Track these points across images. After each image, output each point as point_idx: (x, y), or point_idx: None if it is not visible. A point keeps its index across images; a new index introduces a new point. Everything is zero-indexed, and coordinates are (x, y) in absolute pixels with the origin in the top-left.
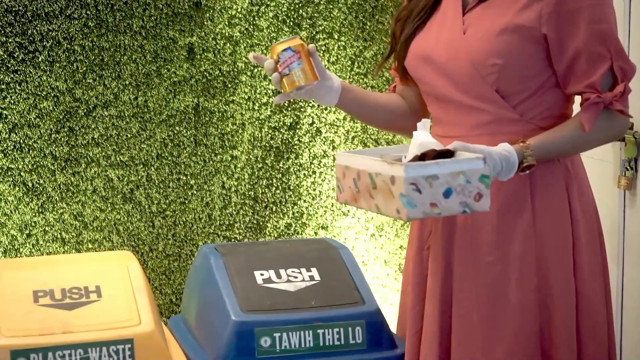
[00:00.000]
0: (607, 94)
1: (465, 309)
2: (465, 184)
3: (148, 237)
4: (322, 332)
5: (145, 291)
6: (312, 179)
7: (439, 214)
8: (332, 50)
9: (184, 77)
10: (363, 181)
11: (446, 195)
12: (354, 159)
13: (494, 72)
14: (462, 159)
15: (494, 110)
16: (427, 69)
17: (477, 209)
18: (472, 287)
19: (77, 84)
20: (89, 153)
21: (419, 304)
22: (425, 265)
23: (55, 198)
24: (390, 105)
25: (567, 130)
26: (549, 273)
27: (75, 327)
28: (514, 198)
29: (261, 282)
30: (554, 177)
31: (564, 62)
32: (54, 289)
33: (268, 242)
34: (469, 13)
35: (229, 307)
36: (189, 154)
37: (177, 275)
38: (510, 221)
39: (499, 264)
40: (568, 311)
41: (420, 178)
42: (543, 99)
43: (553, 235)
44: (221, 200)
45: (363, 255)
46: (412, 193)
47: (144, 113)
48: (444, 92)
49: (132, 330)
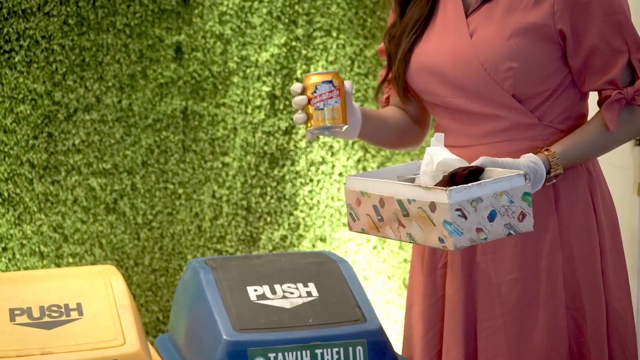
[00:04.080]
0: (628, 89)
1: (490, 329)
2: (509, 204)
3: (133, 251)
4: (320, 352)
5: (130, 309)
6: (309, 187)
7: (485, 239)
8: (330, 49)
9: (172, 78)
10: (389, 208)
11: (491, 218)
12: (372, 184)
13: (509, 76)
14: (503, 177)
15: (512, 116)
16: (432, 80)
17: (522, 229)
18: (496, 305)
19: (56, 86)
20: (69, 160)
21: (431, 330)
22: (440, 285)
23: (33, 209)
24: (396, 123)
25: (591, 132)
26: (578, 286)
27: (55, 348)
28: (538, 208)
29: (255, 299)
30: (577, 182)
31: (579, 57)
32: (32, 306)
33: (262, 256)
34: (472, 15)
35: (220, 326)
36: (177, 161)
37: (164, 292)
38: (535, 233)
39: (525, 280)
40: (598, 325)
41: (465, 202)
42: (561, 100)
43: (580, 245)
44: (211, 211)
45: (364, 270)
46: (458, 219)
47: (128, 117)
48: (453, 102)
49: (116, 350)
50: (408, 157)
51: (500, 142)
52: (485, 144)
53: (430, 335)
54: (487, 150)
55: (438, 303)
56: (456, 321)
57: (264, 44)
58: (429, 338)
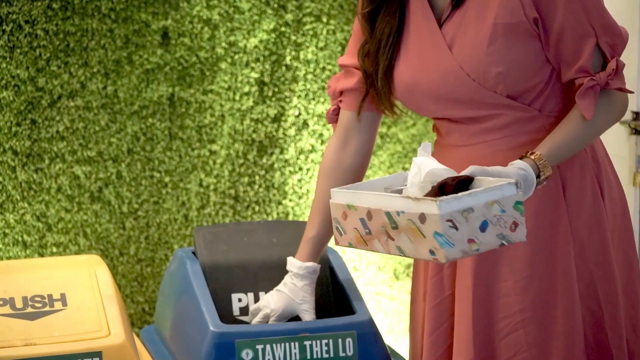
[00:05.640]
0: (600, 74)
1: (509, 327)
2: (501, 214)
3: (118, 240)
4: (309, 344)
5: (115, 299)
6: (298, 176)
7: (477, 250)
8: (320, 35)
9: (158, 64)
10: (377, 221)
11: (483, 228)
12: (358, 197)
13: (499, 81)
14: (494, 186)
15: (511, 112)
16: (423, 98)
17: (514, 239)
18: (513, 303)
19: (40, 72)
20: (53, 148)
21: (439, 328)
22: (448, 284)
23: (16, 197)
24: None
25: (571, 125)
26: (591, 275)
27: (38, 339)
28: (547, 200)
29: None
30: (584, 170)
31: (552, 46)
32: (15, 297)
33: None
34: (446, 24)
35: (207, 317)
36: (163, 149)
37: (150, 282)
38: (547, 226)
39: (540, 275)
40: (614, 312)
41: (456, 213)
42: (557, 88)
43: (590, 233)
44: (199, 200)
45: (354, 260)
46: (449, 230)
47: (113, 104)
48: (449, 114)
49: (101, 342)
50: (399, 145)
51: (503, 137)
52: (488, 141)
53: (437, 334)
54: (489, 146)
55: (445, 302)
56: (468, 322)
57: (252, 29)
58: (435, 337)
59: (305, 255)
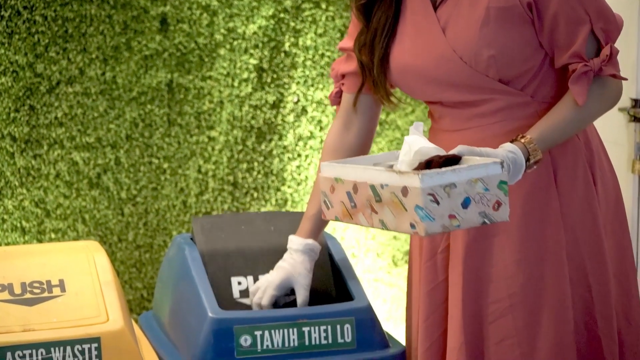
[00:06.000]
0: (594, 60)
1: (497, 312)
2: (484, 192)
3: (117, 226)
4: (307, 331)
5: (113, 285)
6: (297, 162)
7: (458, 226)
8: (319, 22)
9: (157, 50)
10: (362, 194)
11: (465, 205)
12: (346, 170)
13: (491, 64)
14: (478, 164)
15: (504, 97)
16: (417, 81)
17: (497, 219)
18: (502, 287)
19: (38, 58)
20: (51, 134)
21: (433, 314)
22: (441, 269)
23: (15, 183)
24: (350, 154)
25: (564, 110)
26: (582, 261)
27: (37, 325)
28: (538, 185)
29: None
30: (576, 156)
31: (545, 31)
32: (13, 282)
33: (250, 221)
34: (441, 7)
35: (206, 303)
36: (162, 135)
37: (148, 268)
38: (537, 212)
39: (530, 261)
40: (605, 299)
41: (438, 187)
42: (550, 74)
43: (582, 220)
44: (197, 186)
45: (353, 247)
46: (430, 204)
47: (112, 90)
48: (443, 97)
49: (99, 328)
50: (398, 132)
51: (495, 122)
52: (481, 126)
53: (432, 319)
54: (482, 131)
55: (439, 287)
56: (459, 305)
57: (251, 15)
58: (429, 323)
59: (305, 232)
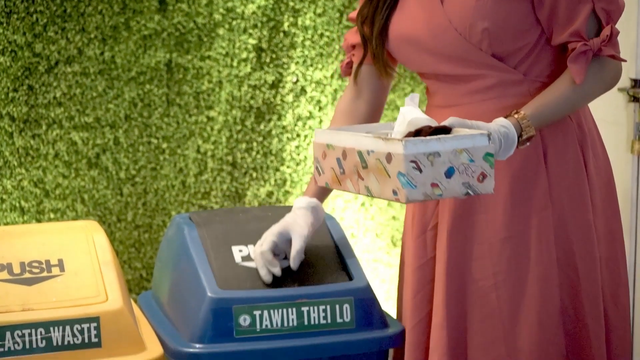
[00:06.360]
0: (594, 40)
1: (482, 290)
2: (469, 163)
3: (116, 206)
4: (306, 310)
5: (112, 265)
6: (296, 142)
7: (440, 195)
8: (318, 1)
9: (155, 30)
10: (350, 160)
11: (448, 175)
12: (337, 136)
13: (484, 37)
14: (465, 134)
15: (496, 74)
16: (412, 50)
17: (481, 190)
18: (487, 265)
19: (37, 38)
20: (50, 114)
21: (421, 291)
22: (431, 246)
23: (13, 163)
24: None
25: (561, 88)
26: (569, 242)
27: (36, 304)
28: (527, 164)
29: (240, 260)
30: (567, 136)
31: (545, 8)
32: (12, 262)
33: (248, 210)
34: None
35: (205, 283)
36: (161, 115)
37: (147, 248)
38: (524, 191)
39: (516, 239)
40: (592, 280)
41: (422, 155)
42: (544, 54)
43: (570, 200)
44: (196, 166)
45: (352, 227)
46: (412, 172)
47: (111, 70)
48: (437, 68)
49: (98, 307)
50: (397, 112)
51: (488, 99)
52: (474, 102)
53: (420, 296)
54: (475, 108)
55: (428, 264)
56: (444, 282)
57: None
58: (418, 299)
59: (310, 192)
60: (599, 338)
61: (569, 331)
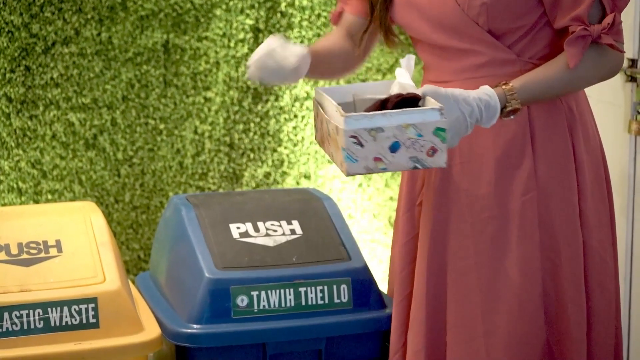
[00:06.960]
0: (595, 26)
1: (462, 268)
2: (417, 138)
3: (113, 187)
4: (304, 291)
5: (110, 246)
6: (293, 123)
7: (384, 169)
8: None
9: (152, 10)
10: (324, 126)
11: (393, 149)
12: (324, 100)
13: (482, 12)
14: (413, 109)
15: (489, 51)
16: (413, 16)
17: (431, 164)
18: (469, 244)
19: (33, 18)
20: (47, 95)
21: (408, 266)
22: (417, 222)
23: (11, 144)
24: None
25: (553, 68)
26: (553, 226)
27: (34, 285)
28: (513, 144)
29: (237, 236)
30: (556, 119)
31: None
32: (10, 243)
33: (245, 193)
34: None
35: (202, 264)
36: (158, 96)
37: (145, 229)
38: (509, 171)
39: (499, 219)
40: (575, 266)
41: (362, 131)
42: (540, 36)
43: (556, 184)
44: (193, 147)
45: (349, 207)
46: (352, 146)
47: (108, 50)
48: (432, 38)
49: (96, 288)
50: None
51: (479, 77)
52: (464, 79)
53: (405, 273)
54: (465, 85)
55: (414, 241)
56: (426, 259)
57: None
58: (403, 276)
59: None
60: (580, 321)
61: (550, 315)
